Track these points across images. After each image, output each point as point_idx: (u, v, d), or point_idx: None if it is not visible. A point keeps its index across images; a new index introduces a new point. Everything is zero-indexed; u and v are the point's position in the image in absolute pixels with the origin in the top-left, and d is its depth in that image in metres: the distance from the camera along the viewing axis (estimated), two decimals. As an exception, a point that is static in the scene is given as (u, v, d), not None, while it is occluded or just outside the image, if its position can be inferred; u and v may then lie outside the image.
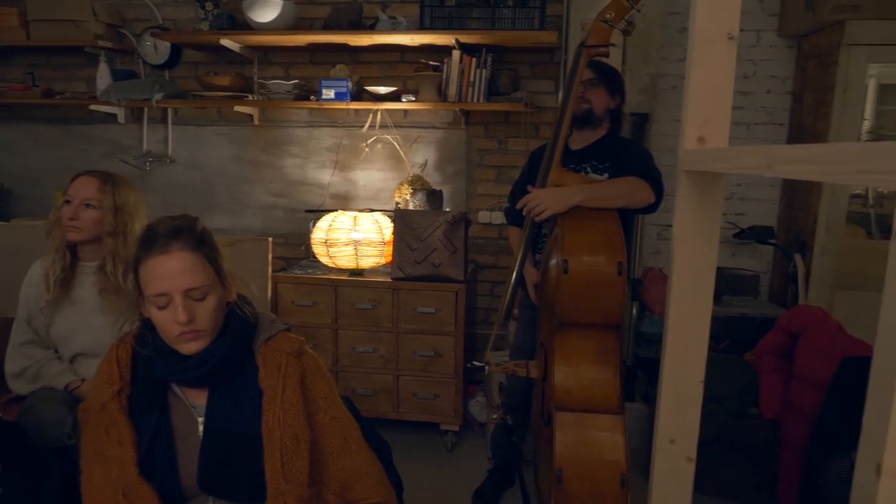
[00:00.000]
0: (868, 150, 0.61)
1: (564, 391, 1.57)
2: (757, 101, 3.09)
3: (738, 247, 3.13)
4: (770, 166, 0.88)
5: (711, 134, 1.23)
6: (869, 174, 0.60)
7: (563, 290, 1.56)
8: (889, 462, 0.55)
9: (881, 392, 0.56)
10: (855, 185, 2.48)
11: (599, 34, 1.81)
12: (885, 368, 0.55)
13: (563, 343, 1.61)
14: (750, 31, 3.05)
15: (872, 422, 0.57)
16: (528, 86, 3.07)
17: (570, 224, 1.64)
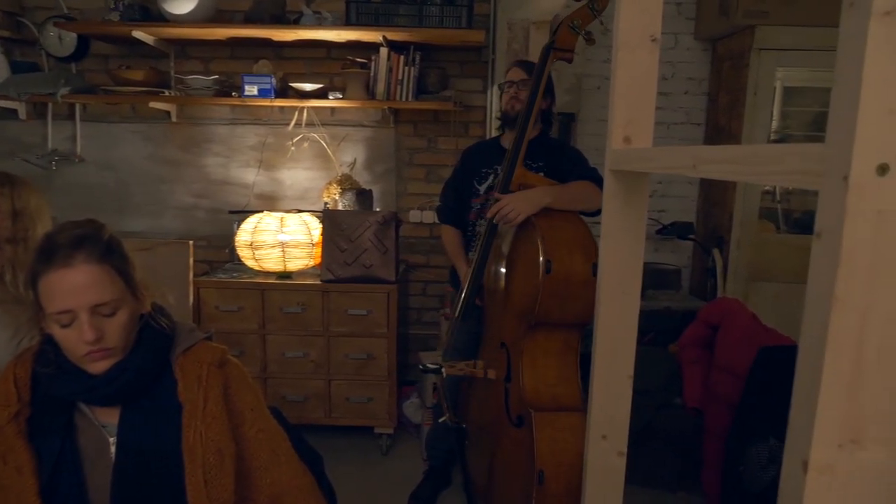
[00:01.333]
0: (784, 151, 0.63)
1: (534, 390, 1.59)
2: (675, 102, 3.22)
3: (660, 242, 3.24)
4: (694, 166, 0.89)
5: (636, 134, 1.25)
6: (784, 174, 0.62)
7: (545, 291, 1.57)
8: (815, 457, 0.56)
9: (805, 389, 0.57)
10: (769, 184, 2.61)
11: (567, 38, 1.86)
12: (810, 366, 0.56)
13: (533, 343, 1.63)
14: (669, 34, 3.17)
15: (797, 418, 0.58)
16: (458, 84, 3.07)
17: (546, 226, 1.66)
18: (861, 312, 0.53)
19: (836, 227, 0.53)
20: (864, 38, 0.50)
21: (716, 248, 2.96)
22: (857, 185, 0.51)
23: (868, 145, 0.51)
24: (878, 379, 0.54)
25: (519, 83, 2.02)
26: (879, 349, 0.53)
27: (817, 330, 0.55)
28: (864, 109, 0.50)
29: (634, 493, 2.44)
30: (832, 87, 0.55)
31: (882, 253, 0.52)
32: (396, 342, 2.64)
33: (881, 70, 0.50)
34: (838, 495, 0.56)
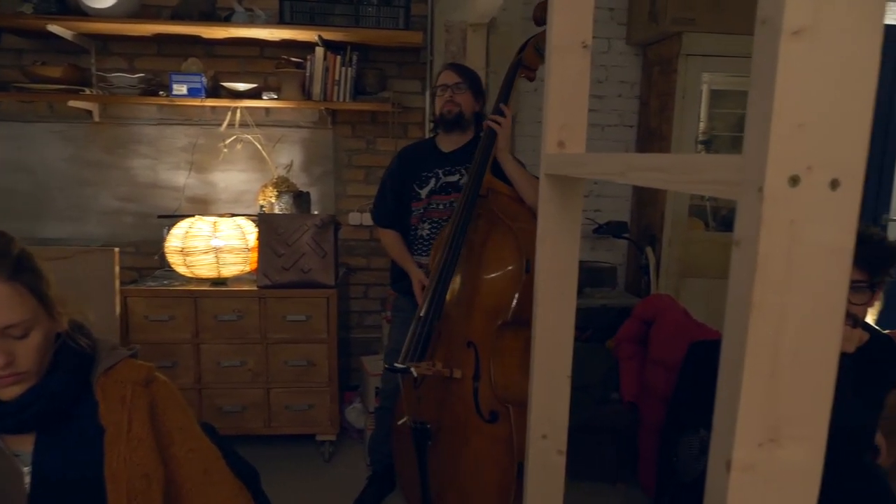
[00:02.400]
0: (705, 162, 0.65)
1: (505, 386, 1.62)
2: (609, 105, 3.30)
3: (596, 241, 3.33)
4: (623, 173, 0.91)
5: (570, 138, 1.27)
6: (706, 184, 0.64)
7: (525, 290, 1.60)
8: (737, 457, 0.58)
9: (728, 392, 0.59)
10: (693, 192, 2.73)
11: (532, 58, 1.96)
12: (732, 370, 0.58)
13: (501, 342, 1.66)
14: (602, 39, 3.25)
15: (721, 420, 0.60)
16: (396, 86, 3.05)
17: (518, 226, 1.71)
18: (777, 317, 0.55)
19: (752, 236, 0.55)
20: (775, 55, 0.52)
21: (649, 247, 3.06)
22: (771, 196, 0.53)
23: (780, 157, 0.53)
24: (793, 380, 0.56)
25: (453, 87, 2.04)
26: (794, 352, 0.56)
27: (737, 335, 0.57)
28: (776, 123, 0.52)
29: (575, 487, 2.50)
30: (748, 102, 0.57)
31: (795, 261, 0.54)
32: (337, 347, 2.59)
33: (791, 86, 0.52)
34: (760, 493, 0.58)
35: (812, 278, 0.55)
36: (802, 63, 0.51)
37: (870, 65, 0.52)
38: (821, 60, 0.51)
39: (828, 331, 0.57)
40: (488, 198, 1.83)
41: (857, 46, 0.52)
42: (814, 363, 0.57)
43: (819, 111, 0.52)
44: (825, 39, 0.51)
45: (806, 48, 0.51)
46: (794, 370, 0.56)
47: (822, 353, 0.57)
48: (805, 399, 0.57)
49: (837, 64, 0.52)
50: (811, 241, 0.54)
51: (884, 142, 3.66)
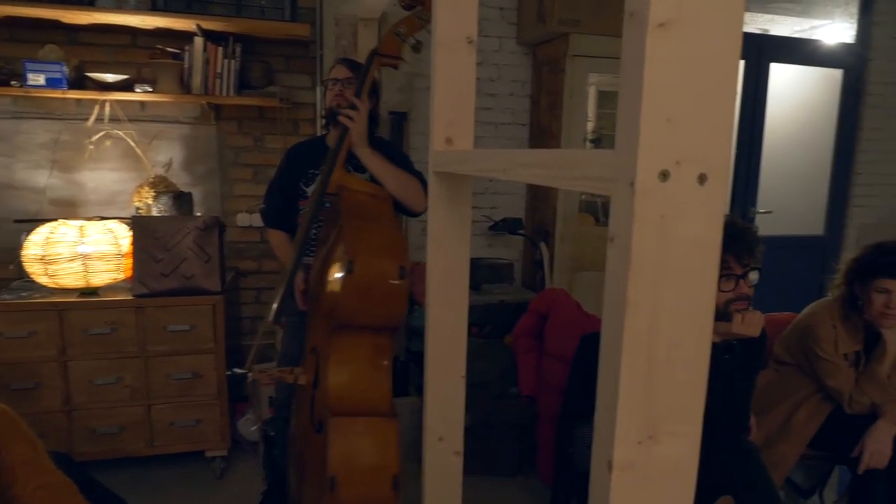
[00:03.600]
0: (581, 157, 0.64)
1: (338, 396, 1.52)
2: (502, 103, 3.35)
3: (493, 238, 3.37)
4: (506, 170, 0.90)
5: (458, 135, 1.25)
6: (582, 180, 0.63)
7: (346, 292, 1.50)
8: (618, 457, 0.57)
9: (607, 392, 0.58)
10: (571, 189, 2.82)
11: (391, 45, 1.84)
12: (610, 369, 0.57)
13: (338, 346, 1.55)
14: (493, 38, 3.29)
15: (601, 421, 0.59)
16: (284, 80, 2.92)
17: (355, 225, 1.59)
18: (651, 313, 0.55)
19: (625, 231, 0.54)
20: (642, 48, 0.51)
21: (543, 242, 3.14)
22: (642, 190, 0.52)
23: (650, 153, 0.52)
24: (668, 376, 0.56)
25: (343, 81, 1.97)
26: (668, 347, 0.56)
27: (615, 332, 0.56)
28: (645, 118, 0.52)
29: (476, 483, 2.51)
30: (618, 98, 0.56)
31: (666, 256, 0.53)
32: (227, 357, 2.44)
33: (659, 79, 0.51)
34: (640, 490, 0.58)
35: (683, 273, 0.55)
36: (668, 56, 0.51)
37: (731, 58, 0.52)
38: (686, 54, 0.51)
39: (699, 324, 0.57)
40: (340, 196, 1.72)
41: (718, 40, 0.52)
42: (688, 357, 0.57)
43: (686, 106, 0.52)
44: (689, 32, 0.51)
45: (671, 41, 0.51)
46: (669, 366, 0.56)
47: (695, 347, 0.57)
48: (681, 394, 0.57)
49: (702, 58, 0.52)
50: (681, 235, 0.54)
51: (750, 138, 3.97)
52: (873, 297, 1.85)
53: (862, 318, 1.92)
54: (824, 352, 1.93)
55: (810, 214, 4.30)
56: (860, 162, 4.17)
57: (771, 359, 2.15)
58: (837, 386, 1.91)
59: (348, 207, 1.67)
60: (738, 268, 1.63)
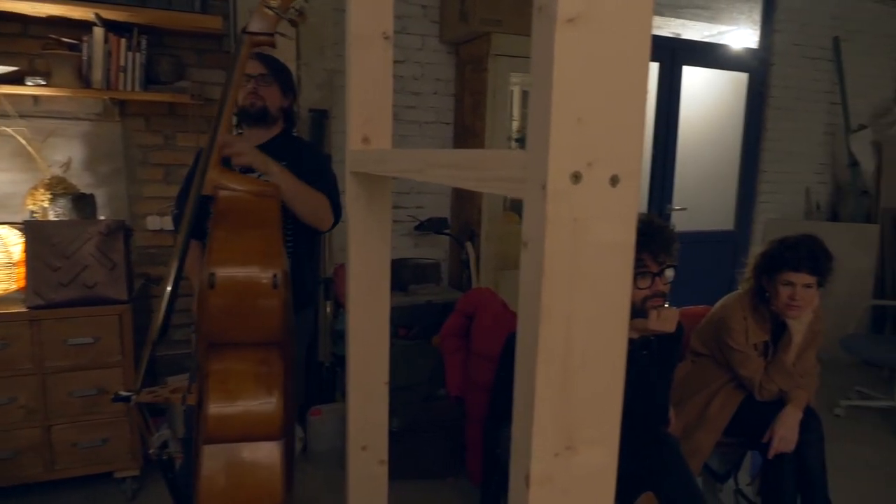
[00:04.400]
0: (494, 158, 0.61)
1: (217, 420, 1.36)
2: (426, 102, 3.32)
3: (419, 238, 3.33)
4: (421, 171, 0.86)
5: (375, 134, 1.21)
6: (495, 182, 0.60)
7: (210, 307, 1.37)
8: (535, 471, 0.55)
9: (523, 403, 0.55)
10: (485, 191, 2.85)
11: (262, 21, 1.64)
12: (526, 379, 0.55)
13: (215, 366, 1.41)
14: (416, 36, 3.25)
15: (518, 434, 0.57)
16: (195, 75, 2.77)
17: (223, 229, 1.44)
18: (565, 320, 0.52)
19: (538, 236, 0.51)
20: (551, 44, 0.49)
21: (468, 241, 3.13)
22: (554, 193, 0.50)
23: (561, 153, 0.50)
24: (585, 383, 0.54)
25: (258, 77, 1.87)
26: (584, 354, 0.54)
27: (529, 342, 0.54)
28: (555, 117, 0.49)
29: (405, 487, 2.47)
30: (530, 96, 0.54)
31: (580, 260, 0.51)
32: (135, 370, 2.29)
33: (569, 77, 0.49)
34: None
35: (597, 277, 0.53)
36: (578, 53, 0.49)
37: (641, 57, 0.51)
38: (596, 51, 0.49)
39: (615, 328, 0.55)
40: (216, 198, 1.54)
41: (629, 37, 0.50)
42: (604, 363, 0.55)
43: (597, 105, 0.50)
44: (599, 28, 0.49)
45: (581, 37, 0.49)
46: (586, 374, 0.54)
47: (611, 352, 0.55)
48: (598, 401, 0.56)
49: (612, 55, 0.50)
50: (594, 239, 0.52)
51: (665, 137, 4.13)
52: (779, 290, 1.95)
53: (769, 310, 2.02)
54: (736, 343, 2.01)
55: (721, 211, 4.52)
56: (765, 160, 4.42)
57: (688, 351, 2.23)
58: (748, 375, 2.00)
59: (222, 211, 1.50)
60: (654, 265, 1.66)
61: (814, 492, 1.95)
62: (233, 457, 1.41)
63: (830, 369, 3.41)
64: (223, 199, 1.54)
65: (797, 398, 1.96)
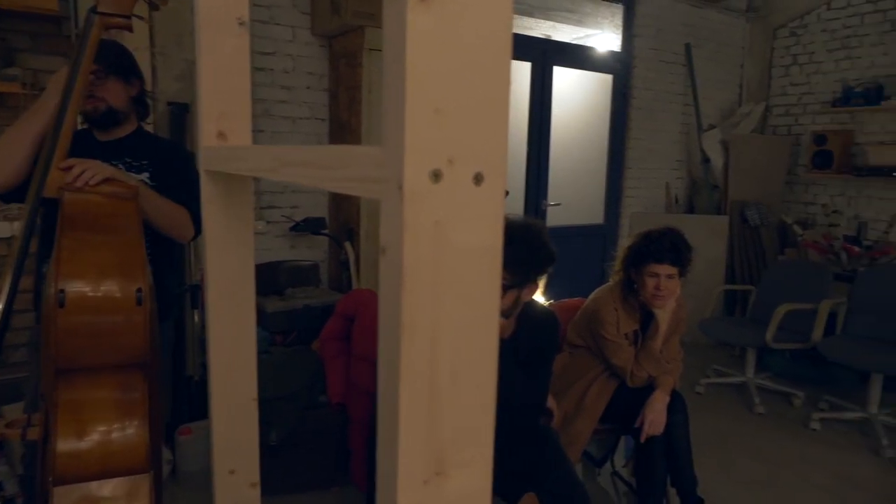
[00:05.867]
0: (348, 154, 0.55)
1: (69, 458, 1.18)
2: (299, 96, 3.18)
3: (295, 239, 3.19)
4: (276, 169, 0.78)
5: (232, 129, 1.09)
6: (350, 181, 0.54)
7: (60, 329, 1.19)
8: (403, 502, 0.50)
9: (388, 429, 0.50)
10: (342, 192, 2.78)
11: (118, 1, 1.45)
12: (389, 403, 0.49)
13: (67, 394, 1.22)
14: (286, 27, 3.10)
15: (383, 463, 0.51)
16: (29, 61, 2.44)
17: (72, 238, 1.26)
18: (430, 334, 0.47)
19: (396, 242, 0.46)
20: (403, 27, 0.43)
21: (348, 241, 3.04)
22: (412, 193, 0.45)
23: (419, 149, 0.44)
24: (455, 402, 0.49)
25: (95, 72, 1.63)
26: (453, 370, 0.49)
27: (391, 360, 0.48)
28: (411, 108, 0.44)
29: (290, 501, 2.35)
30: (383, 85, 0.48)
31: (443, 268, 0.46)
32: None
33: (423, 63, 0.44)
34: (430, 535, 0.51)
35: (463, 285, 0.48)
36: (433, 37, 0.43)
37: (502, 45, 0.46)
38: (453, 36, 0.44)
39: (484, 339, 0.51)
40: (62, 201, 1.35)
41: (488, 23, 0.46)
42: (474, 377, 0.50)
43: (456, 96, 0.45)
44: (455, 11, 0.44)
45: (436, 20, 0.43)
46: (455, 390, 0.49)
47: (481, 365, 0.51)
48: (469, 418, 0.51)
49: (470, 41, 0.45)
50: (458, 243, 0.47)
51: (539, 135, 4.26)
52: (646, 281, 2.05)
53: (638, 300, 2.12)
54: (608, 333, 2.10)
55: (592, 205, 4.76)
56: (629, 158, 4.71)
57: (565, 343, 2.29)
58: (620, 363, 2.09)
59: (70, 216, 1.31)
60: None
61: (681, 468, 2.08)
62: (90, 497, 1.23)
63: (691, 351, 3.70)
64: (70, 203, 1.34)
65: (664, 383, 2.08)
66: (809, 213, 4.85)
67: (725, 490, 2.52)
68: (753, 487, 2.59)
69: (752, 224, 4.62)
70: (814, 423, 3.17)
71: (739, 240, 4.66)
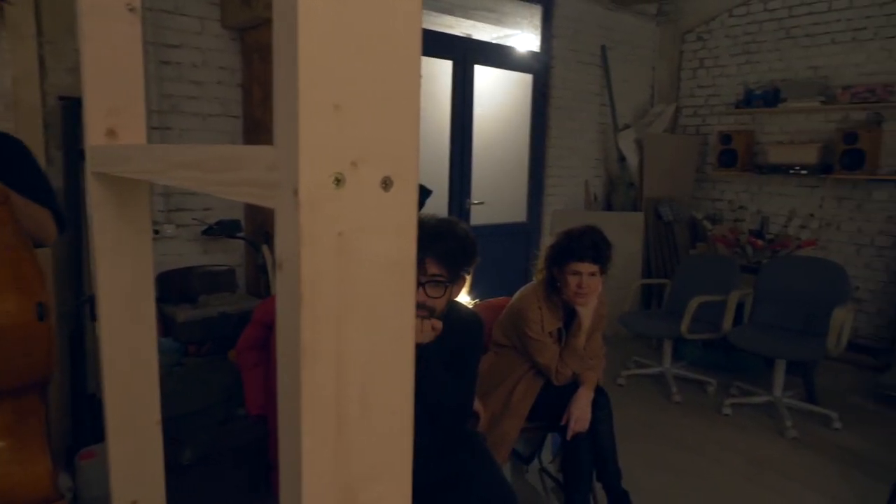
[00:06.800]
0: (241, 155, 0.49)
1: None
2: (210, 92, 3.01)
3: (208, 243, 3.02)
4: (164, 172, 0.70)
5: (123, 126, 0.99)
6: (241, 186, 0.48)
7: None
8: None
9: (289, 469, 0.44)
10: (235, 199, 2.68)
11: None
12: (290, 437, 0.43)
13: None
14: (194, 18, 2.92)
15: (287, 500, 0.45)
16: None
17: None
18: (335, 358, 0.42)
19: (293, 255, 0.40)
20: (294, 8, 0.38)
21: (265, 244, 2.91)
22: (311, 200, 0.39)
23: (316, 150, 0.39)
24: (365, 434, 0.44)
25: None
26: (363, 398, 0.44)
27: (291, 388, 0.43)
28: (305, 103, 0.38)
29: (205, 526, 2.21)
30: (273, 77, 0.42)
31: (348, 285, 0.41)
32: None
33: (320, 51, 0.38)
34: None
35: (371, 302, 0.43)
36: (330, 19, 0.38)
37: (411, 31, 0.42)
38: (353, 18, 0.39)
39: (398, 360, 0.46)
40: None
41: (393, 10, 0.41)
42: (388, 403, 0.45)
43: (359, 89, 0.40)
44: (353, -7, 0.39)
45: (332, 4, 0.39)
46: (366, 419, 0.44)
47: (395, 389, 0.46)
48: (384, 449, 0.46)
49: (374, 27, 0.40)
50: (365, 256, 0.42)
51: (462, 134, 4.26)
52: (568, 279, 2.07)
53: (561, 298, 2.13)
54: (533, 332, 2.10)
55: (515, 204, 4.81)
56: (550, 156, 4.79)
57: (491, 343, 2.28)
58: (545, 362, 2.10)
59: None
60: (420, 275, 1.55)
61: (606, 462, 2.11)
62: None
63: (612, 344, 3.80)
64: None
65: (588, 380, 2.10)
66: (717, 209, 5.11)
67: (649, 479, 2.60)
68: (674, 474, 2.69)
69: (665, 220, 4.81)
70: (726, 408, 3.33)
71: (654, 235, 4.84)
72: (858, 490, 2.58)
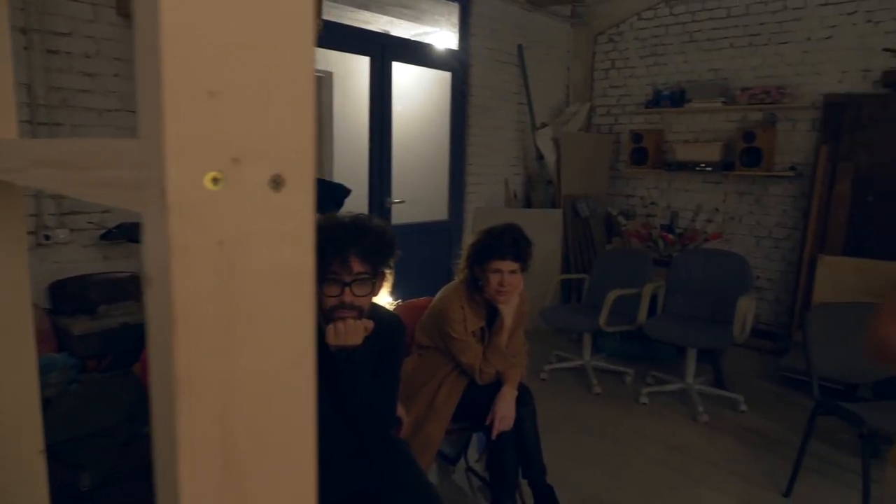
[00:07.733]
0: (106, 150, 0.41)
1: None
2: (105, 85, 2.79)
3: (108, 248, 2.80)
4: (24, 171, 0.61)
5: (-12, 119, 0.87)
6: (105, 188, 0.41)
7: None
8: None
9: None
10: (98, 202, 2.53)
11: None
12: (168, 493, 0.36)
13: None
14: (84, 4, 2.70)
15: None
16: None
17: None
18: (218, 390, 0.35)
19: (164, 270, 0.34)
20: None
21: (172, 249, 2.73)
22: (182, 203, 0.32)
23: (187, 143, 0.32)
24: (259, 476, 0.38)
25: None
26: (254, 437, 0.37)
27: (165, 427, 0.36)
28: (172, 87, 0.32)
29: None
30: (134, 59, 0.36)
31: (233, 302, 0.35)
32: None
33: (187, 23, 0.32)
34: None
35: (261, 323, 0.37)
36: None
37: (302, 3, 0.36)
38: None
39: (297, 385, 0.40)
40: None
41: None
42: (284, 438, 0.39)
43: (239, 73, 0.33)
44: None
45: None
46: (258, 461, 0.37)
47: (295, 420, 0.40)
48: (280, 493, 0.40)
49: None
50: (253, 268, 0.36)
51: (381, 132, 4.18)
52: (489, 277, 2.05)
53: (483, 297, 2.12)
54: (456, 332, 2.07)
55: (437, 202, 4.78)
56: (470, 154, 4.80)
57: (414, 345, 2.23)
58: (469, 361, 2.07)
59: None
60: (345, 274, 1.48)
61: (531, 459, 2.12)
62: None
63: (534, 339, 3.85)
64: None
65: (511, 378, 2.10)
66: (631, 205, 5.30)
67: (574, 471, 2.64)
68: (597, 465, 2.74)
69: (582, 216, 4.94)
70: (643, 397, 3.44)
71: (572, 231, 4.96)
72: (765, 468, 2.74)
